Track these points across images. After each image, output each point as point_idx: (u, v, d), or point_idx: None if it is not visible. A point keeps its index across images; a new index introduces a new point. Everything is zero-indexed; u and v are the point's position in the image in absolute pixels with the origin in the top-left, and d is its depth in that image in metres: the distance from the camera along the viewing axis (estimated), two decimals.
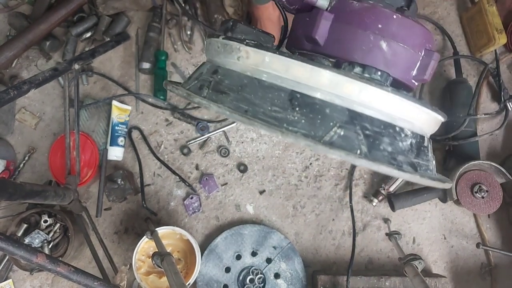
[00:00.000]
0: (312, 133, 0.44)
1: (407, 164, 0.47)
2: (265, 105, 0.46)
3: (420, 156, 0.49)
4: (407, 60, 0.50)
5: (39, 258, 0.68)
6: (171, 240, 1.07)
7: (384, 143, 0.46)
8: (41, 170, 1.13)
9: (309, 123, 0.45)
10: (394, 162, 0.46)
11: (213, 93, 0.50)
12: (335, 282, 1.04)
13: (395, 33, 0.48)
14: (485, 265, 1.14)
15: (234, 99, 0.48)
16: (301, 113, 0.45)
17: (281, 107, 0.45)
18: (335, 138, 0.44)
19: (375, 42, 0.48)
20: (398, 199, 1.06)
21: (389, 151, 0.46)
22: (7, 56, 1.08)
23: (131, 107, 1.15)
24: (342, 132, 0.44)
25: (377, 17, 0.47)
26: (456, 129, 1.08)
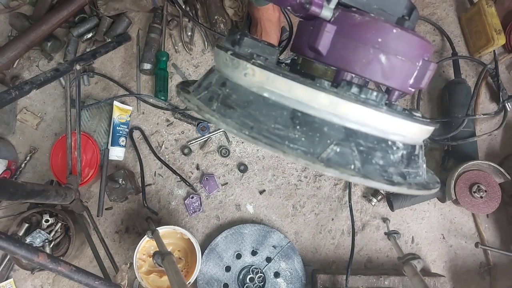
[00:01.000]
0: (311, 150, 0.48)
1: (397, 175, 0.51)
2: (268, 123, 0.49)
3: (410, 165, 0.53)
4: (405, 71, 0.51)
5: (40, 257, 0.69)
6: (172, 239, 1.07)
7: (377, 157, 0.49)
8: (43, 170, 1.14)
9: (308, 141, 0.48)
10: (385, 175, 0.50)
11: (221, 107, 0.52)
12: (335, 281, 1.05)
13: (394, 47, 0.49)
14: (483, 264, 1.14)
15: (241, 115, 0.51)
16: (302, 131, 0.48)
17: (284, 125, 0.49)
18: (331, 155, 0.48)
19: (374, 55, 0.49)
20: (397, 198, 1.07)
21: (381, 164, 0.50)
22: (8, 56, 1.09)
23: (132, 108, 1.15)
24: (338, 149, 0.48)
25: (377, 31, 0.48)
26: (455, 129, 1.09)
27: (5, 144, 1.12)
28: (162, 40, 1.17)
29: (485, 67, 1.14)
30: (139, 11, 1.19)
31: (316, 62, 0.55)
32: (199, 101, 0.56)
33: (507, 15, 1.18)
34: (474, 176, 1.04)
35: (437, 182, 0.60)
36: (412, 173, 0.54)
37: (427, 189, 0.53)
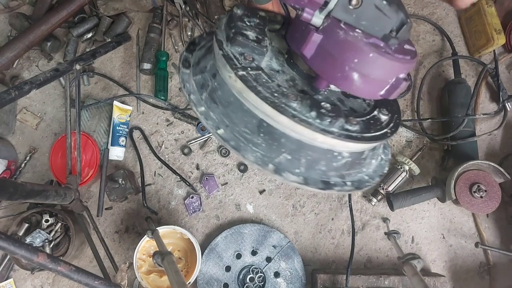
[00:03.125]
0: (268, 155, 0.57)
1: (336, 176, 0.60)
2: (240, 125, 0.57)
3: (353, 167, 0.61)
4: (375, 88, 0.56)
5: (40, 257, 0.69)
6: (172, 239, 1.07)
7: (320, 164, 0.58)
8: (42, 170, 1.14)
9: (267, 147, 0.57)
10: (324, 177, 0.59)
11: (208, 99, 0.60)
12: (334, 281, 1.05)
13: (368, 69, 0.53)
14: (483, 264, 1.14)
15: (221, 112, 0.59)
16: (264, 139, 0.57)
17: (251, 130, 0.57)
18: (282, 161, 0.57)
19: (349, 72, 0.54)
20: (397, 198, 1.06)
21: (323, 170, 0.59)
22: (8, 56, 1.09)
23: (132, 107, 1.15)
24: (289, 157, 0.57)
25: (355, 52, 0.52)
26: (454, 129, 1.09)
27: (5, 144, 1.12)
28: (162, 40, 1.17)
29: (485, 67, 1.14)
30: (139, 11, 1.19)
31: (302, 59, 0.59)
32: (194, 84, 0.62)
33: (507, 15, 1.18)
34: (474, 176, 1.04)
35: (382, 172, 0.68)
36: (353, 173, 0.62)
37: (358, 188, 0.62)
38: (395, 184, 1.12)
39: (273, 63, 0.62)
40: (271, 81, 0.57)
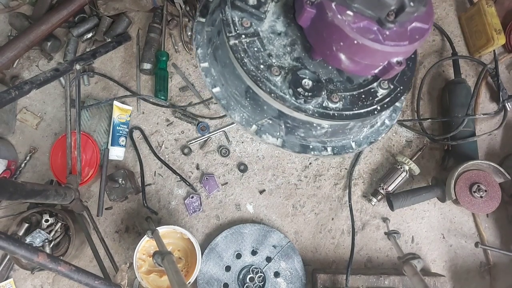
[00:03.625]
0: (252, 117, 0.63)
1: (316, 142, 0.65)
2: (232, 87, 0.62)
3: (335, 135, 0.65)
4: (364, 68, 0.57)
5: (40, 257, 0.69)
6: (172, 239, 1.07)
7: (299, 131, 0.63)
8: (42, 169, 1.14)
9: (252, 111, 0.63)
10: (304, 142, 0.65)
11: (211, 55, 0.65)
12: (335, 281, 1.05)
13: (354, 52, 0.53)
14: (484, 264, 1.14)
15: (219, 71, 0.64)
16: (249, 103, 0.62)
17: (240, 93, 0.62)
18: (265, 125, 0.63)
19: (336, 53, 0.54)
20: (397, 198, 1.06)
21: (302, 136, 0.64)
22: (8, 56, 1.09)
23: (132, 107, 1.15)
24: (270, 122, 0.63)
25: (340, 37, 0.51)
26: (454, 129, 1.09)
27: (5, 144, 1.12)
28: (162, 40, 1.17)
29: (485, 67, 1.14)
30: (139, 11, 1.19)
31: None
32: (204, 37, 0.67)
33: (507, 15, 1.18)
34: (474, 175, 1.04)
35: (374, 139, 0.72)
36: (336, 140, 0.66)
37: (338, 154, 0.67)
38: (395, 184, 1.12)
39: (278, 24, 0.62)
40: (263, 49, 0.59)
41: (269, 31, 0.61)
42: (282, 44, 0.61)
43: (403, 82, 0.64)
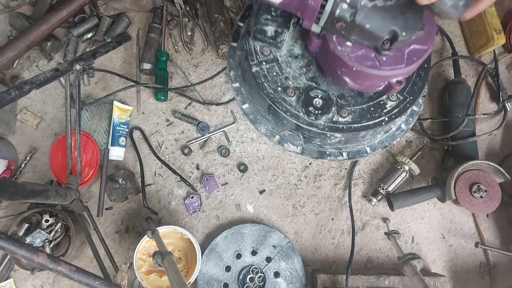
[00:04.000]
0: (275, 129, 0.74)
1: (332, 148, 0.74)
2: (257, 104, 0.73)
3: (349, 143, 0.72)
4: (367, 88, 0.64)
5: (40, 257, 0.69)
6: (172, 239, 1.07)
7: (316, 140, 0.72)
8: (43, 170, 1.14)
9: (275, 124, 0.73)
10: (321, 149, 0.75)
11: (241, 77, 0.76)
12: (335, 281, 1.05)
13: (355, 77, 0.60)
14: (483, 264, 1.14)
15: (247, 90, 0.74)
16: (272, 118, 0.72)
17: (264, 110, 0.72)
18: (286, 135, 0.74)
19: (341, 75, 0.61)
20: (397, 198, 1.06)
21: (318, 144, 0.73)
22: (8, 56, 1.09)
23: (132, 108, 1.15)
24: (290, 133, 0.72)
25: (342, 64, 0.58)
26: (454, 129, 1.09)
27: (5, 144, 1.12)
28: (162, 40, 1.17)
29: (485, 67, 1.14)
30: (139, 11, 1.19)
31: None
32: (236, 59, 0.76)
33: (507, 15, 1.18)
34: (474, 176, 1.04)
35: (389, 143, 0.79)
36: (351, 146, 0.74)
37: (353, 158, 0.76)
38: (395, 184, 1.12)
39: (295, 47, 0.69)
40: (281, 73, 0.68)
41: (287, 55, 0.69)
42: (299, 65, 0.69)
43: (413, 92, 0.68)
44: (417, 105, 0.78)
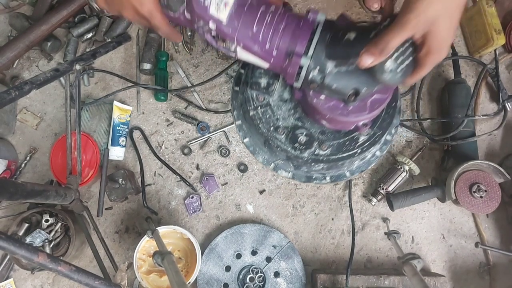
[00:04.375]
0: (270, 159, 0.88)
1: (317, 173, 0.88)
2: (256, 139, 0.87)
3: (331, 169, 0.85)
4: (341, 128, 0.78)
5: (40, 257, 0.69)
6: (172, 239, 1.07)
7: (303, 168, 0.85)
8: (43, 170, 1.14)
9: (270, 154, 0.88)
10: (308, 174, 0.88)
11: (242, 115, 0.89)
12: (334, 281, 1.05)
13: (329, 121, 0.73)
14: (483, 264, 1.14)
15: (247, 127, 0.88)
16: (268, 150, 0.86)
17: (261, 143, 0.86)
18: (279, 163, 0.88)
19: (319, 119, 0.75)
20: (397, 198, 1.07)
21: (306, 171, 0.87)
22: (8, 56, 1.09)
23: (132, 108, 1.15)
24: (282, 162, 0.87)
25: (317, 112, 0.72)
26: (454, 129, 1.09)
27: (5, 144, 1.12)
28: (162, 40, 1.17)
29: (485, 67, 1.14)
30: None
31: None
32: (238, 101, 0.88)
33: (507, 15, 1.18)
34: (474, 176, 1.04)
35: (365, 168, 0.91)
36: (333, 171, 0.87)
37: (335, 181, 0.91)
38: (395, 184, 1.12)
39: (285, 93, 0.82)
40: (274, 115, 0.81)
41: (278, 99, 0.82)
42: (287, 108, 0.82)
43: (382, 127, 0.80)
44: (390, 134, 0.88)
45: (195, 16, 0.64)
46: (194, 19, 0.65)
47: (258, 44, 0.65)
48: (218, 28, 0.64)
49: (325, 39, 0.63)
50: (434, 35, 0.54)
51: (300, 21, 0.64)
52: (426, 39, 0.55)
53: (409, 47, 0.58)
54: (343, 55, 0.62)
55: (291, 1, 1.21)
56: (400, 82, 0.61)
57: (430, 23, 0.53)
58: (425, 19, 0.53)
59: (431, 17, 0.53)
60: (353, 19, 0.70)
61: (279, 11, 0.65)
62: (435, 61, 0.57)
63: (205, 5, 0.62)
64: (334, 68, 0.63)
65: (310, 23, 0.64)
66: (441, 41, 0.55)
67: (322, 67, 0.64)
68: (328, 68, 0.63)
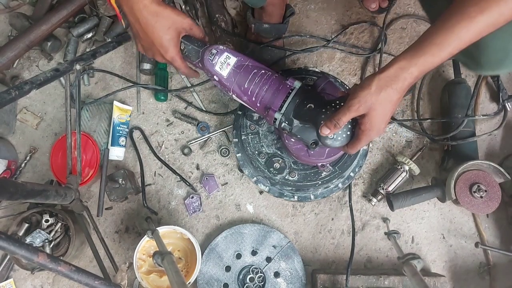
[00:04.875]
0: (254, 173, 1.06)
1: (288, 192, 1.05)
2: (245, 156, 1.05)
3: (299, 191, 1.04)
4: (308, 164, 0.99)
5: (40, 257, 0.69)
6: (172, 239, 1.07)
7: (277, 186, 1.04)
8: (43, 170, 1.14)
9: (254, 170, 1.05)
10: (280, 191, 1.05)
11: (239, 135, 1.05)
12: (334, 281, 1.05)
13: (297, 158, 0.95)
14: (483, 264, 1.14)
15: (241, 145, 1.05)
16: (252, 167, 1.04)
17: (248, 160, 1.04)
18: (260, 178, 1.05)
19: (291, 154, 0.95)
20: (397, 198, 1.06)
21: (279, 188, 1.05)
22: (8, 56, 1.09)
23: (132, 108, 1.15)
24: (262, 178, 1.05)
25: (288, 150, 0.93)
26: (454, 129, 1.09)
27: (5, 144, 1.12)
28: None
29: None
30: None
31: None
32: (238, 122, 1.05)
33: None
34: (474, 176, 1.04)
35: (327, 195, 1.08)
36: (301, 192, 1.05)
37: (301, 201, 1.07)
38: (395, 184, 1.12)
39: (272, 126, 1.00)
40: (260, 142, 1.03)
41: (266, 130, 1.03)
42: (272, 138, 1.03)
43: (342, 167, 1.00)
44: (354, 172, 1.04)
45: (205, 68, 0.87)
46: (204, 69, 0.88)
47: (247, 97, 0.86)
48: (220, 80, 0.86)
49: (295, 102, 0.83)
50: (370, 118, 0.70)
51: (281, 84, 0.85)
52: (364, 121, 0.71)
53: (347, 124, 0.76)
54: (305, 117, 0.82)
55: (291, 1, 1.21)
56: (338, 147, 0.79)
57: (369, 108, 0.69)
58: (365, 105, 0.68)
59: (370, 104, 0.68)
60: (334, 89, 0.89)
61: (267, 74, 0.86)
62: (369, 138, 0.73)
63: (213, 63, 0.85)
64: (299, 124, 0.83)
65: (288, 88, 0.84)
66: (375, 124, 0.71)
67: (290, 122, 0.83)
68: (295, 123, 0.83)
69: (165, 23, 0.80)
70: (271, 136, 1.03)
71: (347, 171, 1.01)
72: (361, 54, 1.20)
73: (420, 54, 0.64)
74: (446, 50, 0.63)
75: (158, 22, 0.79)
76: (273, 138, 1.02)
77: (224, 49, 0.86)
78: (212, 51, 0.85)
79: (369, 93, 0.67)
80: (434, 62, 0.64)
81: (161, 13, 0.79)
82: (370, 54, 1.19)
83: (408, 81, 0.66)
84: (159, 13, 0.79)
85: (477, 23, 0.59)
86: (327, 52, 1.20)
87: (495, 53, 0.73)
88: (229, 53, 0.86)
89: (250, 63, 0.86)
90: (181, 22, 0.83)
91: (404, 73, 0.66)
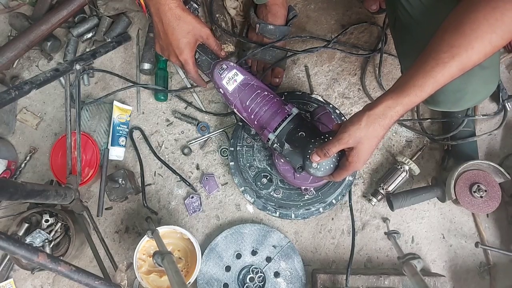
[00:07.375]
0: (242, 183, 1.10)
1: (271, 207, 1.10)
2: (237, 166, 1.10)
3: (282, 208, 1.09)
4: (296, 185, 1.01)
5: (40, 257, 0.69)
6: (172, 239, 1.07)
7: (262, 199, 1.09)
8: (43, 170, 1.14)
9: (242, 181, 1.10)
10: (264, 204, 1.10)
11: (235, 144, 1.10)
12: (335, 281, 1.05)
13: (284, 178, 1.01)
14: (483, 264, 1.14)
15: (235, 154, 1.10)
16: (242, 177, 1.10)
17: (239, 170, 1.09)
18: (247, 189, 1.10)
19: (280, 174, 1.01)
20: (397, 198, 1.06)
21: (263, 201, 1.09)
22: (8, 56, 1.09)
23: (132, 108, 1.15)
24: (249, 189, 1.10)
25: (278, 171, 1.00)
26: (454, 129, 1.09)
27: (5, 144, 1.12)
28: None
29: None
30: (139, 11, 1.19)
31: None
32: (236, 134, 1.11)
33: None
34: (474, 175, 1.04)
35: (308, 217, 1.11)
36: (282, 209, 1.09)
37: (281, 218, 1.12)
38: (395, 184, 1.12)
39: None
40: (253, 156, 1.08)
41: (260, 145, 1.08)
42: (265, 154, 1.08)
43: (325, 194, 1.05)
44: (336, 199, 1.09)
45: (213, 80, 0.94)
46: (212, 80, 0.94)
47: (247, 113, 0.92)
48: (224, 93, 0.93)
49: (289, 127, 0.89)
50: (357, 152, 0.76)
51: (279, 108, 0.91)
52: (352, 153, 0.77)
53: (332, 157, 0.82)
54: (295, 143, 0.88)
55: (292, 1, 1.21)
56: (321, 177, 0.85)
57: (357, 142, 0.74)
58: (354, 139, 0.74)
59: (359, 139, 0.74)
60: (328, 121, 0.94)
61: (269, 97, 0.91)
62: (354, 168, 0.79)
63: (221, 77, 0.92)
64: (289, 147, 0.89)
65: (285, 113, 0.90)
66: (361, 156, 0.77)
67: (281, 144, 0.89)
68: (285, 146, 0.89)
69: (186, 27, 0.87)
70: (264, 152, 1.08)
71: (330, 198, 1.07)
72: (361, 54, 1.20)
73: (405, 94, 0.69)
74: (426, 91, 0.68)
75: (179, 25, 0.86)
76: (266, 155, 1.08)
77: (234, 66, 0.92)
78: (223, 66, 0.92)
79: (359, 128, 0.73)
80: (416, 101, 0.70)
81: (183, 18, 0.86)
82: (370, 54, 1.19)
83: (394, 118, 0.72)
84: (182, 18, 0.86)
85: (450, 68, 0.65)
86: (327, 52, 1.20)
87: (453, 94, 0.83)
88: (237, 71, 0.92)
89: (255, 83, 0.92)
90: (200, 30, 0.89)
91: (391, 111, 0.71)
